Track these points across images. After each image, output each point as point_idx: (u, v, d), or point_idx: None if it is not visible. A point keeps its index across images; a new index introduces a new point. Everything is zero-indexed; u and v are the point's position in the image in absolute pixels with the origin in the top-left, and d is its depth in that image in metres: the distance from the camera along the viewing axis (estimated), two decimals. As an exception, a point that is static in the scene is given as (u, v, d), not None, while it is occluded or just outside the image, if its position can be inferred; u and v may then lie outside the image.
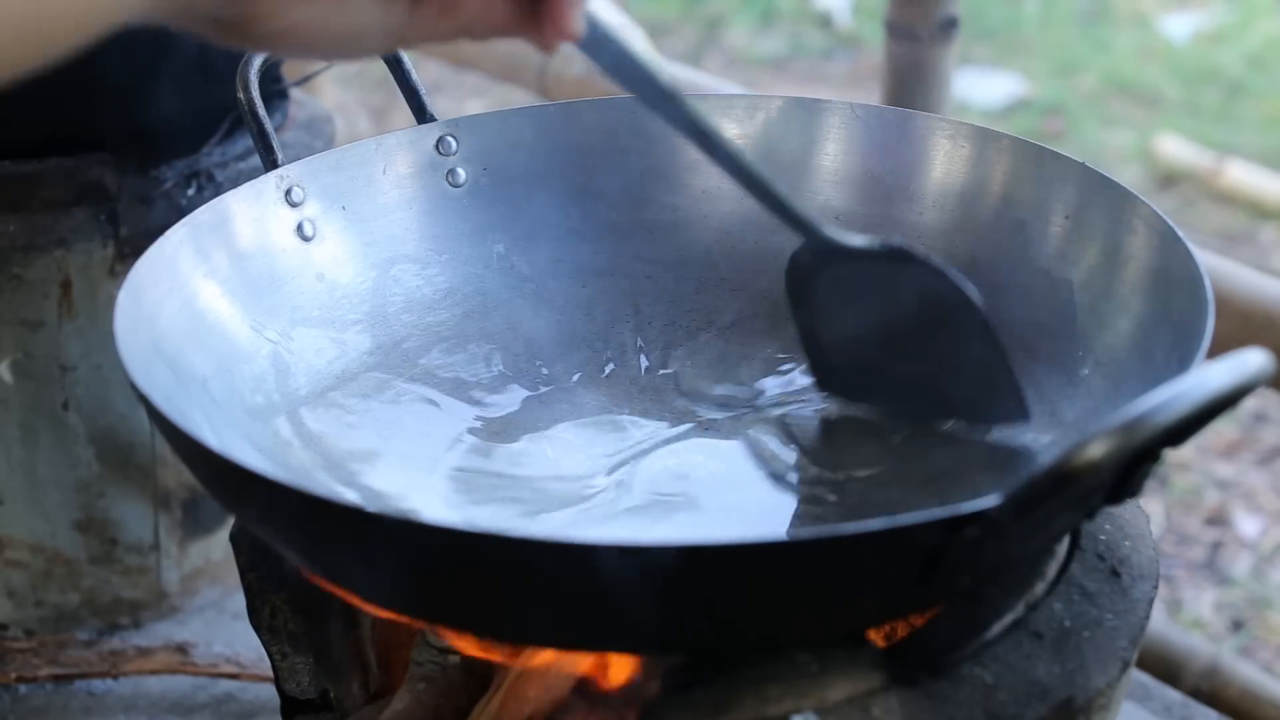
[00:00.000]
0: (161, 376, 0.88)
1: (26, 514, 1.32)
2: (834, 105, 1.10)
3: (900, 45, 1.58)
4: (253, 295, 1.00)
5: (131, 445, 1.31)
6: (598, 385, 1.05)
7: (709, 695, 0.78)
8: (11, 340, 1.26)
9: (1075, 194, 1.01)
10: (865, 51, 3.40)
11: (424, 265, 1.08)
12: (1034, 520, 0.73)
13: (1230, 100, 3.19)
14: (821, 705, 0.78)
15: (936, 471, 0.95)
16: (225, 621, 1.38)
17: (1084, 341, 0.97)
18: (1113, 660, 0.83)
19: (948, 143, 1.07)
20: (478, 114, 1.12)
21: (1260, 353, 0.72)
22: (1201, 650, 1.49)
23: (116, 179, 1.26)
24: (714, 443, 1.00)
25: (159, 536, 1.35)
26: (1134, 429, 0.70)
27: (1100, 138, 3.05)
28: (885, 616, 0.84)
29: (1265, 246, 2.72)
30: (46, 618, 1.35)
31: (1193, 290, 0.88)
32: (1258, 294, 1.36)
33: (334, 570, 0.84)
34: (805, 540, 0.71)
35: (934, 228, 1.06)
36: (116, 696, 1.30)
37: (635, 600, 0.74)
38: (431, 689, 0.89)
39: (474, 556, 0.73)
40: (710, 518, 0.94)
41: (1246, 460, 2.23)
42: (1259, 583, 2.01)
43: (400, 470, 0.97)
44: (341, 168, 1.06)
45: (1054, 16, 3.55)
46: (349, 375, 1.02)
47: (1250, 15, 3.51)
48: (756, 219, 1.10)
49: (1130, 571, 0.88)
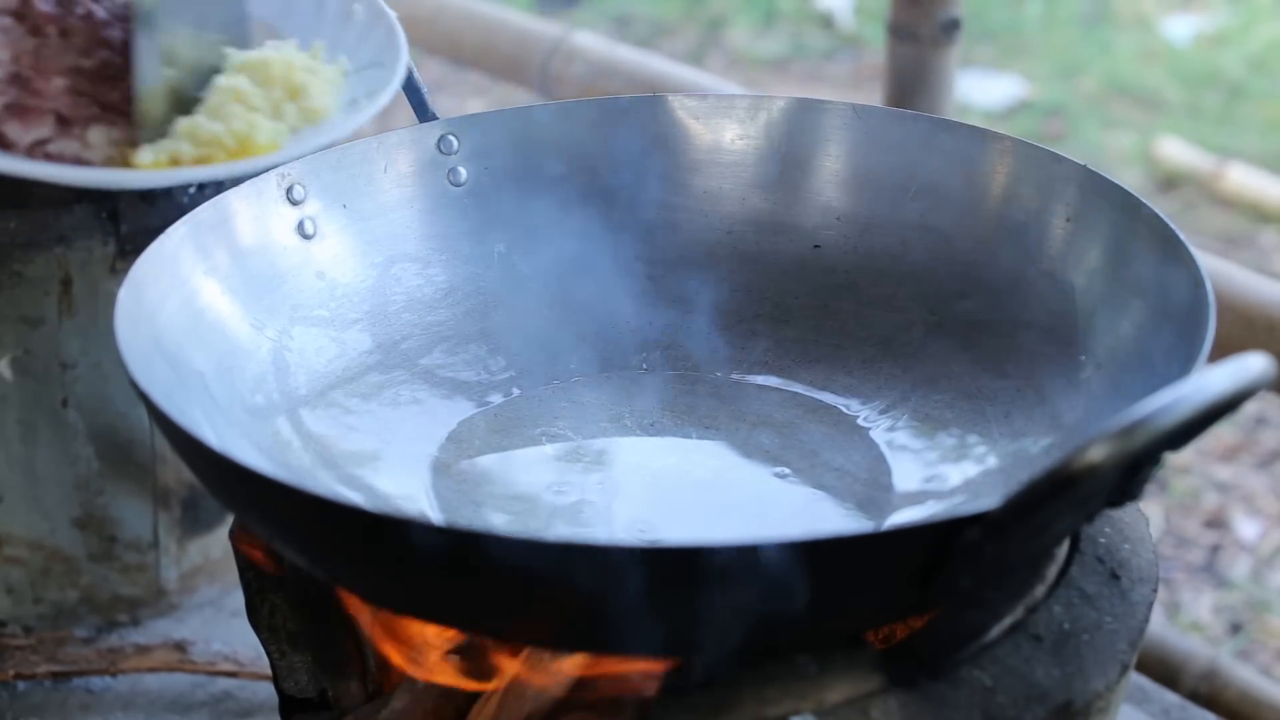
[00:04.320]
0: (161, 374, 0.88)
1: (26, 511, 1.31)
2: (836, 106, 1.10)
3: (902, 46, 1.58)
4: (253, 293, 1.00)
5: (131, 443, 1.31)
6: (598, 385, 1.05)
7: (708, 696, 0.78)
8: (11, 337, 1.26)
9: (1077, 196, 1.01)
10: (867, 52, 3.40)
11: (425, 264, 1.07)
12: (1034, 523, 0.73)
13: (1231, 103, 3.18)
14: (820, 707, 0.78)
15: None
16: (224, 619, 1.38)
17: (1085, 344, 0.97)
18: (1112, 663, 0.83)
19: (949, 144, 1.07)
20: (479, 113, 1.12)
21: (1261, 357, 0.72)
22: (1200, 653, 1.49)
23: (117, 177, 1.26)
24: (714, 442, 1.00)
25: (158, 534, 1.35)
26: (1134, 432, 0.70)
27: (1101, 140, 3.05)
28: (885, 618, 0.84)
29: (1266, 249, 2.72)
30: (45, 615, 1.35)
31: (1194, 293, 0.88)
32: (1259, 297, 1.36)
33: (333, 569, 0.84)
34: (806, 542, 0.71)
35: (935, 229, 1.06)
36: (115, 694, 1.30)
37: (634, 601, 0.74)
38: (430, 688, 0.89)
39: (474, 557, 0.73)
40: (710, 518, 0.94)
41: (1246, 463, 2.23)
42: (1258, 586, 2.01)
43: (400, 470, 0.97)
44: (343, 166, 1.06)
45: (1055, 18, 3.55)
46: (349, 374, 1.02)
47: (1252, 18, 3.51)
48: (757, 220, 1.11)
49: (1130, 575, 0.88)
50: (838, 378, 1.05)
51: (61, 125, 1.05)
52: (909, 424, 1.00)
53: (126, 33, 1.06)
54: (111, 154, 1.07)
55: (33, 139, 1.05)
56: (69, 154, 1.05)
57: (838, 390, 1.04)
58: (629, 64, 1.73)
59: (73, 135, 1.05)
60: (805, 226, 1.10)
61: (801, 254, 1.09)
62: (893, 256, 1.07)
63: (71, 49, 1.03)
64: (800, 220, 1.10)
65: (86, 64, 1.04)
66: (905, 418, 1.01)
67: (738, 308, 1.09)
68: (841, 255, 1.08)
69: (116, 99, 1.05)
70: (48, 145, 1.05)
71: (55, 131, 1.05)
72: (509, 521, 0.93)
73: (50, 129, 1.05)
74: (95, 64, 1.04)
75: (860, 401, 1.03)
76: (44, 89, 1.03)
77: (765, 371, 1.06)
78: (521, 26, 1.87)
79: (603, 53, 1.77)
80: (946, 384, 1.02)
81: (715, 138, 1.11)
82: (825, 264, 1.08)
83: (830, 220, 1.09)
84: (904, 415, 1.01)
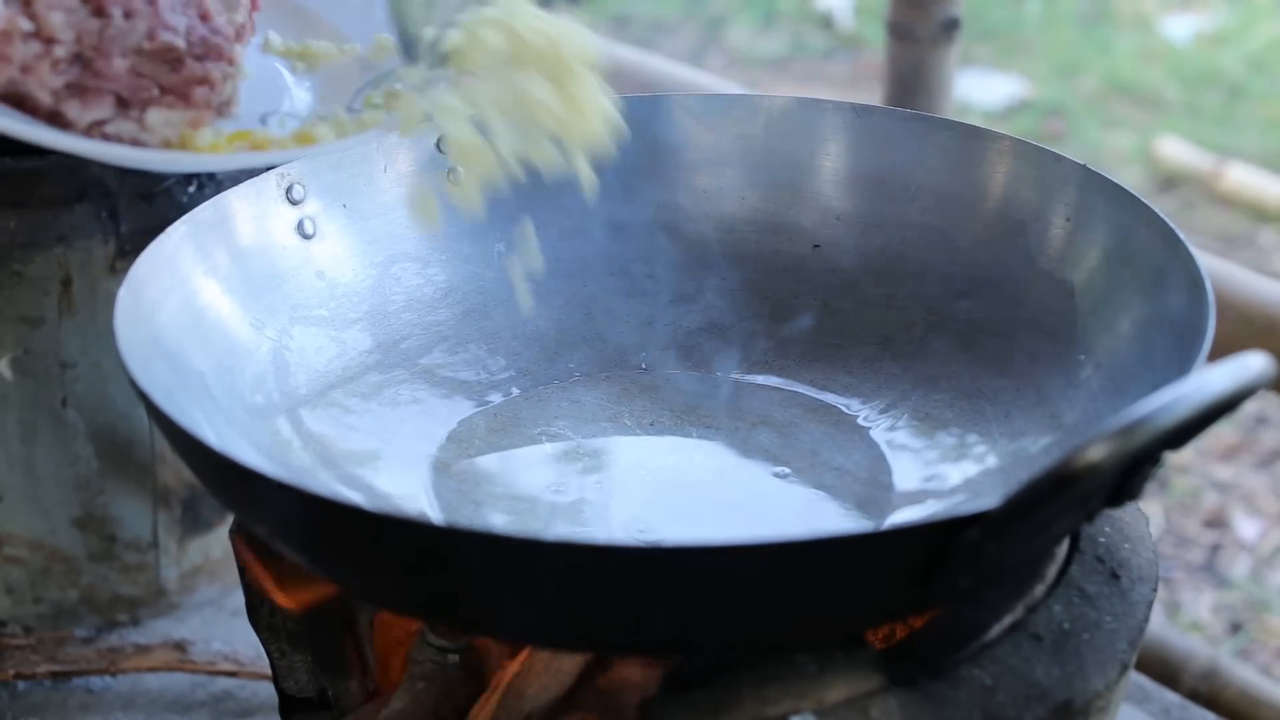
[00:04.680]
0: (161, 374, 0.88)
1: (25, 510, 1.31)
2: (835, 106, 1.10)
3: (901, 46, 1.58)
4: (253, 293, 1.00)
5: (131, 442, 1.31)
6: (598, 384, 1.05)
7: (708, 696, 0.78)
8: (11, 337, 1.26)
9: (1077, 196, 1.01)
10: (866, 52, 3.40)
11: (424, 264, 1.07)
12: (1034, 523, 0.73)
13: (1231, 102, 3.18)
14: (820, 706, 0.77)
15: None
16: (224, 619, 1.38)
17: (1085, 344, 0.97)
18: (1112, 662, 0.83)
19: (949, 144, 1.07)
20: (479, 113, 1.12)
21: (1261, 356, 0.72)
22: (1200, 652, 1.49)
23: (117, 176, 1.26)
24: (714, 442, 1.00)
25: (158, 534, 1.35)
26: (1134, 432, 0.70)
27: (1101, 139, 3.05)
28: (885, 618, 0.84)
29: (1266, 249, 2.72)
30: (45, 614, 1.35)
31: (1194, 293, 0.88)
32: (1258, 297, 1.36)
33: (333, 569, 0.84)
34: (806, 541, 0.71)
35: (935, 229, 1.06)
36: (115, 694, 1.30)
37: (634, 601, 0.74)
38: (430, 688, 0.89)
39: (474, 556, 0.73)
40: (710, 518, 0.94)
41: (1246, 463, 2.23)
42: (1258, 585, 2.01)
43: (400, 469, 0.97)
44: (343, 166, 1.06)
45: (1055, 18, 3.55)
46: (349, 374, 1.02)
47: (1251, 17, 3.51)
48: (757, 219, 1.11)
49: (1129, 574, 0.88)
50: (838, 377, 1.05)
51: (120, 106, 1.05)
52: (909, 423, 1.00)
53: (189, 15, 1.06)
54: (169, 136, 1.07)
55: (91, 119, 1.05)
56: (126, 135, 1.06)
57: (838, 390, 1.04)
58: (629, 63, 1.73)
59: (131, 117, 1.05)
60: (805, 226, 1.10)
61: (801, 253, 1.09)
62: (892, 256, 1.07)
63: (135, 31, 1.03)
64: (800, 220, 1.10)
65: (148, 46, 1.04)
66: (905, 417, 1.01)
67: (737, 307, 1.09)
68: (841, 255, 1.08)
69: (177, 82, 1.05)
70: (105, 126, 1.05)
71: (114, 112, 1.05)
72: (509, 521, 0.93)
73: (110, 110, 1.05)
74: (158, 47, 1.04)
75: (860, 401, 1.03)
76: (105, 70, 1.03)
77: (765, 371, 1.06)
78: (521, 26, 1.87)
79: (602, 52, 1.77)
80: (946, 383, 1.02)
81: (715, 137, 1.11)
82: (825, 263, 1.09)
83: (830, 220, 1.09)
84: (904, 415, 1.01)
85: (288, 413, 0.97)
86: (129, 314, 0.88)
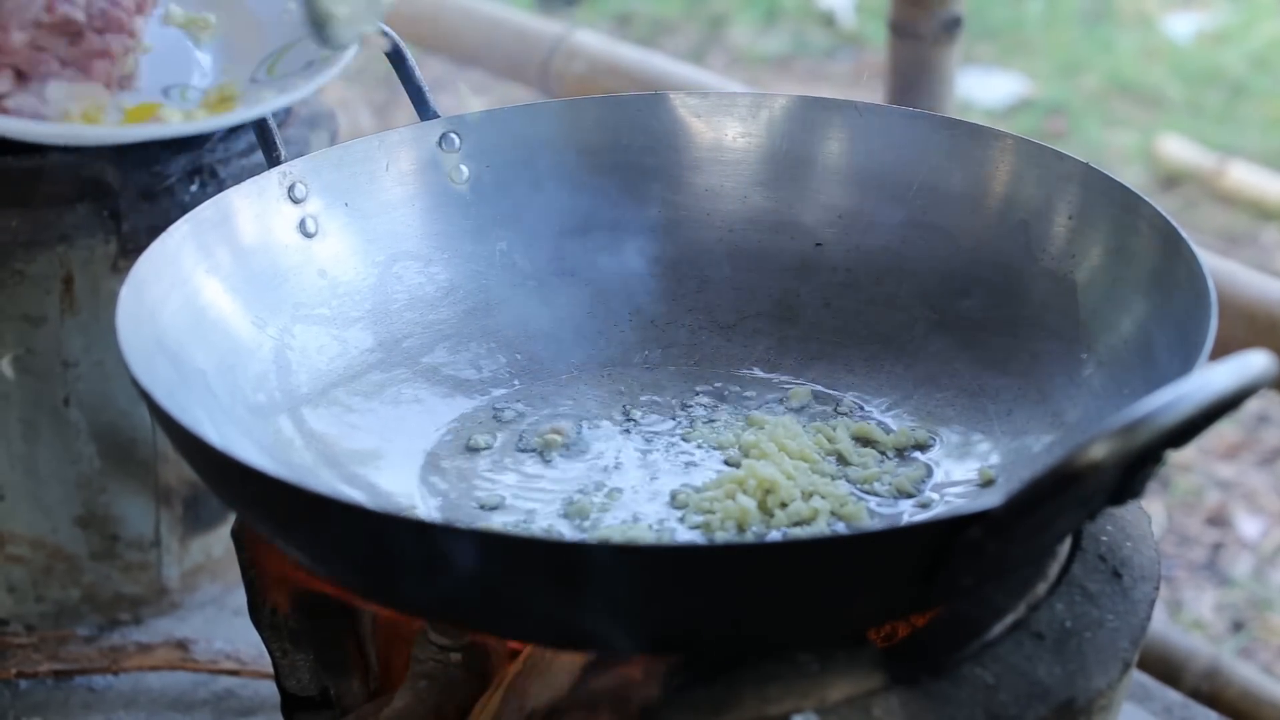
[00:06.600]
0: (163, 373, 0.88)
1: (28, 509, 1.31)
2: (837, 104, 1.10)
3: (903, 44, 1.58)
4: (255, 291, 1.00)
5: (133, 441, 1.31)
6: (599, 383, 1.05)
7: (709, 695, 0.78)
8: (13, 336, 1.26)
9: (1079, 194, 1.01)
10: (868, 50, 3.40)
11: (426, 262, 1.07)
12: (1036, 521, 0.73)
13: (1233, 101, 3.18)
14: (822, 705, 0.77)
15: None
16: (226, 618, 1.38)
17: (1087, 342, 0.97)
18: (1114, 661, 0.83)
19: (951, 142, 1.07)
20: (480, 111, 1.12)
21: (1263, 355, 0.72)
22: (1202, 651, 1.49)
23: (119, 175, 1.26)
24: (716, 441, 1.00)
25: (160, 532, 1.35)
26: (1136, 430, 0.70)
27: (1103, 138, 3.05)
28: (887, 616, 0.84)
29: (1267, 247, 2.72)
30: (47, 613, 1.35)
31: (1196, 291, 0.88)
32: (1260, 295, 1.35)
33: (334, 568, 0.84)
34: (808, 541, 0.71)
35: (936, 227, 1.06)
36: (117, 692, 1.30)
37: (638, 600, 0.74)
38: (432, 686, 0.89)
39: (475, 556, 0.73)
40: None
41: (1248, 461, 2.23)
42: (1260, 584, 2.01)
43: (402, 468, 0.97)
44: (344, 164, 1.06)
45: (1057, 16, 3.55)
46: (351, 373, 1.02)
47: (1253, 16, 3.51)
48: (759, 218, 1.11)
49: (1132, 573, 0.88)
50: (840, 375, 1.05)
51: (20, 80, 1.05)
52: (911, 422, 1.00)
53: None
54: (69, 109, 1.06)
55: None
56: (28, 109, 1.05)
57: (840, 388, 1.04)
58: (630, 62, 1.73)
59: (31, 91, 1.04)
60: (807, 224, 1.09)
61: (803, 252, 1.09)
62: (894, 254, 1.07)
63: (33, 4, 1.03)
64: (802, 218, 1.10)
65: (47, 19, 1.03)
66: (907, 416, 1.01)
67: (739, 305, 1.09)
68: (843, 253, 1.08)
69: (76, 55, 1.05)
70: (5, 100, 1.05)
71: (13, 86, 1.05)
72: (510, 521, 0.93)
73: (9, 84, 1.04)
74: (57, 20, 1.03)
75: (863, 399, 1.03)
76: (3, 43, 1.02)
77: (767, 369, 1.06)
78: (522, 25, 1.87)
79: (604, 51, 1.77)
80: (948, 382, 1.02)
81: (717, 136, 1.11)
82: (827, 262, 1.08)
83: (832, 218, 1.09)
84: (906, 413, 1.01)
85: (289, 411, 0.97)
86: (131, 313, 0.88)
